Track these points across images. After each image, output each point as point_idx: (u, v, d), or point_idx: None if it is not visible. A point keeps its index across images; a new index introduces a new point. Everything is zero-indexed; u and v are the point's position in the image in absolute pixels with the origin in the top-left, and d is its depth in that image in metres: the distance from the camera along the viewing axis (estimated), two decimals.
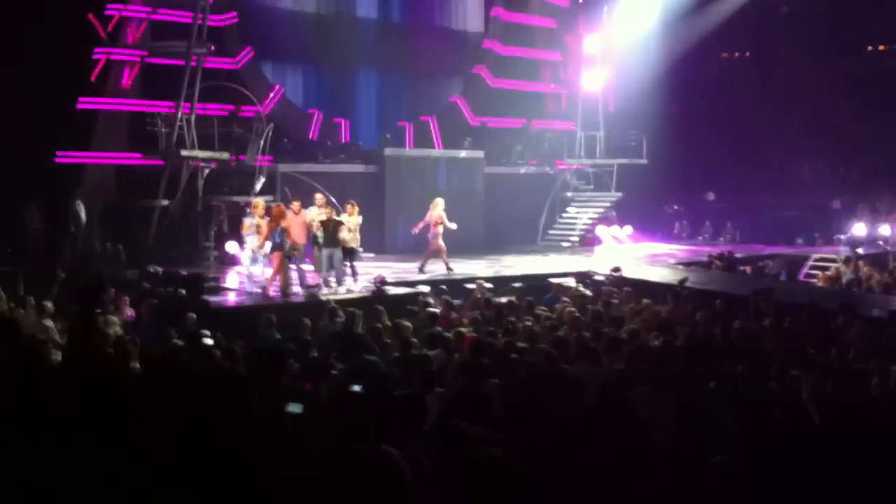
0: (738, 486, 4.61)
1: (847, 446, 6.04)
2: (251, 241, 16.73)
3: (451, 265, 19.60)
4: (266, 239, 16.02)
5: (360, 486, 2.86)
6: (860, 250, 23.74)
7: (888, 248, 24.56)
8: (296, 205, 16.70)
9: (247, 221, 17.17)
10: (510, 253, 23.89)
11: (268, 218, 16.24)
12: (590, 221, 27.35)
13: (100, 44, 21.11)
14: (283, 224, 15.68)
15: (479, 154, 26.57)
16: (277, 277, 15.82)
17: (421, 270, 19.22)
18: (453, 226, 19.53)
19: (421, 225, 19.67)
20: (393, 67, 27.38)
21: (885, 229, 26.10)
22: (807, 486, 5.36)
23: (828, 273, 21.35)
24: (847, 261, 21.93)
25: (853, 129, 30.55)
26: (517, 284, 17.28)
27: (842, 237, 26.29)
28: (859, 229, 26.11)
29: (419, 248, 20.05)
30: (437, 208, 19.60)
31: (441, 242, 19.41)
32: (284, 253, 15.65)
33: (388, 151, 24.89)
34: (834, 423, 6.87)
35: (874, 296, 17.72)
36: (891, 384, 8.65)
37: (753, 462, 5.14)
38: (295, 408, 7.17)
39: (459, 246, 24.38)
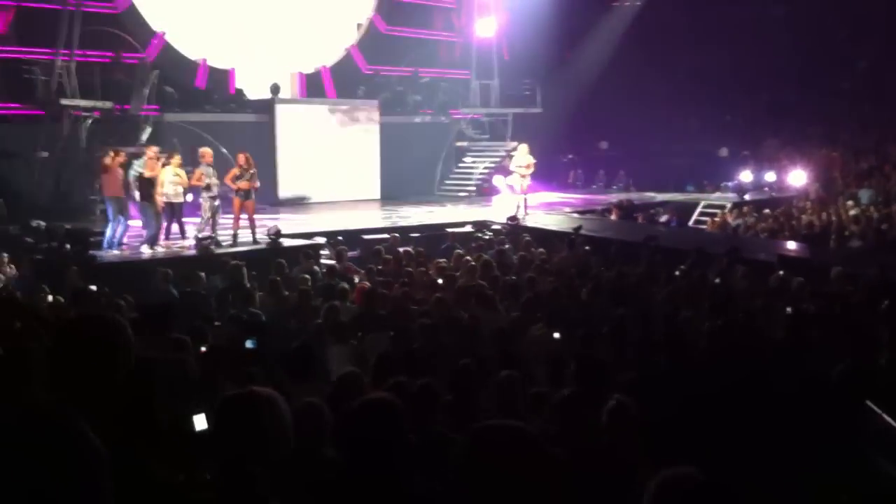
0: (631, 425, 4.65)
1: (733, 383, 6.20)
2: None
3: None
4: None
5: (231, 425, 2.77)
6: (747, 196, 24.47)
7: (773, 193, 25.35)
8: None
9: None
10: (407, 203, 23.75)
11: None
12: (486, 171, 27.41)
13: None
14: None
15: (373, 103, 26.23)
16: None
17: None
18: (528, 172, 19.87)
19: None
20: (283, 14, 26.71)
21: (770, 175, 26.92)
22: (695, 424, 5.47)
23: (716, 219, 21.95)
24: (734, 207, 22.61)
25: (738, 76, 31.23)
26: (415, 235, 17.21)
27: (729, 184, 27.03)
28: (746, 176, 26.87)
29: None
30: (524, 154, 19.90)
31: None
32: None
33: (280, 101, 24.35)
34: (720, 362, 7.04)
35: (760, 240, 18.31)
36: (777, 324, 8.90)
37: (643, 402, 5.19)
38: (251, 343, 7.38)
39: (355, 197, 24.25)
